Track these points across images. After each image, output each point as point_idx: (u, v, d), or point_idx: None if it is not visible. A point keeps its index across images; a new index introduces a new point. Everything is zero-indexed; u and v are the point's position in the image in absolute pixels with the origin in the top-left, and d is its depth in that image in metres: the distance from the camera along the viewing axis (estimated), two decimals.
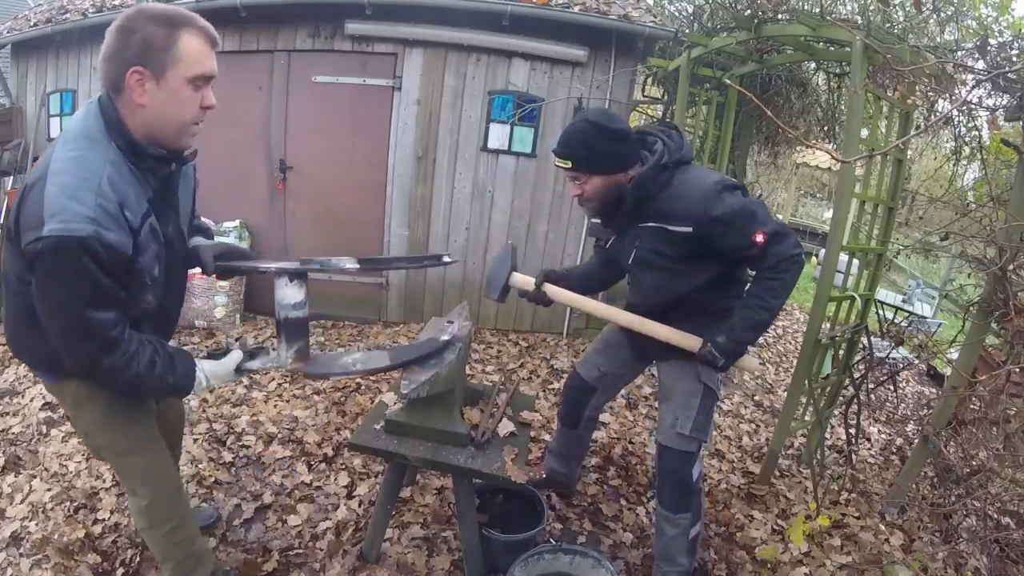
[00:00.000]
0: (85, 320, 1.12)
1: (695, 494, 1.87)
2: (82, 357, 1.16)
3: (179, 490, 1.61)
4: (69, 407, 1.44)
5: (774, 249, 1.58)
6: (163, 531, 1.55)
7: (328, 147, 4.17)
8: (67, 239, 1.05)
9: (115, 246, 1.11)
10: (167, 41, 1.11)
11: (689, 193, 1.62)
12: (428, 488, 2.39)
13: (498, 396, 2.10)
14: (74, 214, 1.06)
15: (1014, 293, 2.07)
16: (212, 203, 4.17)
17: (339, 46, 3.95)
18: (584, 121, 1.64)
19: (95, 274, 1.10)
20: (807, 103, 4.72)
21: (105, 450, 1.48)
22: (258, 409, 2.93)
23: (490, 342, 4.19)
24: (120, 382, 1.21)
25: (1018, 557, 2.09)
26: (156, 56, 1.12)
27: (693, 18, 4.72)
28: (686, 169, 1.69)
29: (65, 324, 1.14)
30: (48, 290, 1.11)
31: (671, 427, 1.82)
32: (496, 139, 4.08)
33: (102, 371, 1.17)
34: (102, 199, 1.10)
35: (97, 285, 1.11)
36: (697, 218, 1.60)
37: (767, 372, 4.38)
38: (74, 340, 1.15)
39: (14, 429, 2.58)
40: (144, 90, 1.13)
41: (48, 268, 1.08)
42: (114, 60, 1.13)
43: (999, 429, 2.16)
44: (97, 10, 4.23)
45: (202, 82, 1.18)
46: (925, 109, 2.92)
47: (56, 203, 1.06)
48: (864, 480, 2.88)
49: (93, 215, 1.07)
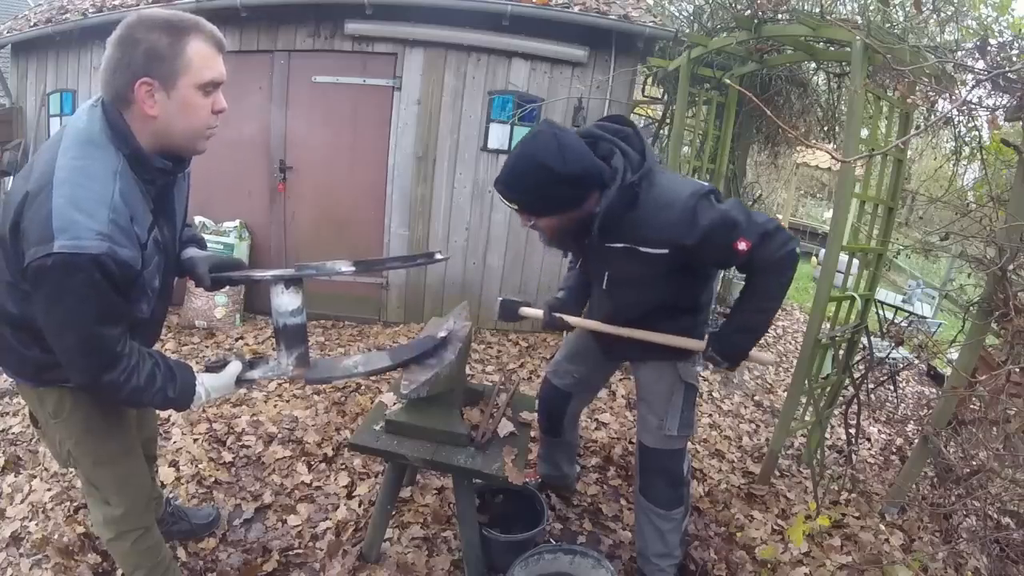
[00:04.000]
0: (95, 337, 1.10)
1: (686, 486, 1.87)
2: (88, 372, 1.14)
3: (151, 500, 1.60)
4: (48, 415, 1.37)
5: (760, 255, 1.49)
6: (131, 540, 1.52)
7: (328, 147, 4.18)
8: (80, 256, 1.01)
9: (128, 263, 1.08)
10: (174, 50, 1.08)
11: (660, 215, 1.47)
12: (428, 488, 2.39)
13: (498, 396, 2.10)
14: (86, 230, 1.02)
15: (1014, 293, 2.07)
16: (212, 203, 4.18)
17: (339, 46, 3.95)
18: (533, 161, 1.40)
19: (106, 291, 1.07)
20: (807, 103, 4.71)
21: (82, 460, 1.43)
22: (258, 409, 2.93)
23: (490, 342, 4.19)
24: (122, 396, 1.19)
25: (1018, 557, 2.09)
26: (164, 66, 1.08)
27: (693, 18, 4.71)
28: (652, 181, 1.49)
29: (74, 341, 1.11)
30: (56, 307, 1.08)
31: (657, 429, 1.81)
32: (496, 139, 4.08)
33: (103, 385, 1.15)
34: (115, 214, 1.06)
35: (107, 302, 1.09)
36: (673, 242, 1.48)
37: (767, 372, 4.38)
38: (81, 356, 1.13)
39: (14, 429, 2.58)
40: (154, 101, 1.10)
41: (57, 285, 1.05)
42: (119, 72, 1.09)
43: (999, 429, 2.16)
44: (97, 10, 4.23)
45: (212, 88, 1.15)
46: (925, 109, 2.91)
47: (66, 217, 1.02)
48: (864, 480, 2.87)
49: (107, 231, 1.04)
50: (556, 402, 2.17)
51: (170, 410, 1.37)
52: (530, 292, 4.39)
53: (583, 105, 3.95)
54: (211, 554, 1.98)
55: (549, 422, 2.21)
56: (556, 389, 2.15)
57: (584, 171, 1.43)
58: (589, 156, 1.45)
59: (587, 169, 1.43)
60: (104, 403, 1.39)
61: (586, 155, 1.44)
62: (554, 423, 2.21)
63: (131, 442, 1.50)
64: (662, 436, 1.80)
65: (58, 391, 1.33)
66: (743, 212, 1.50)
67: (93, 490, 1.50)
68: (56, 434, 1.40)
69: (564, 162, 1.39)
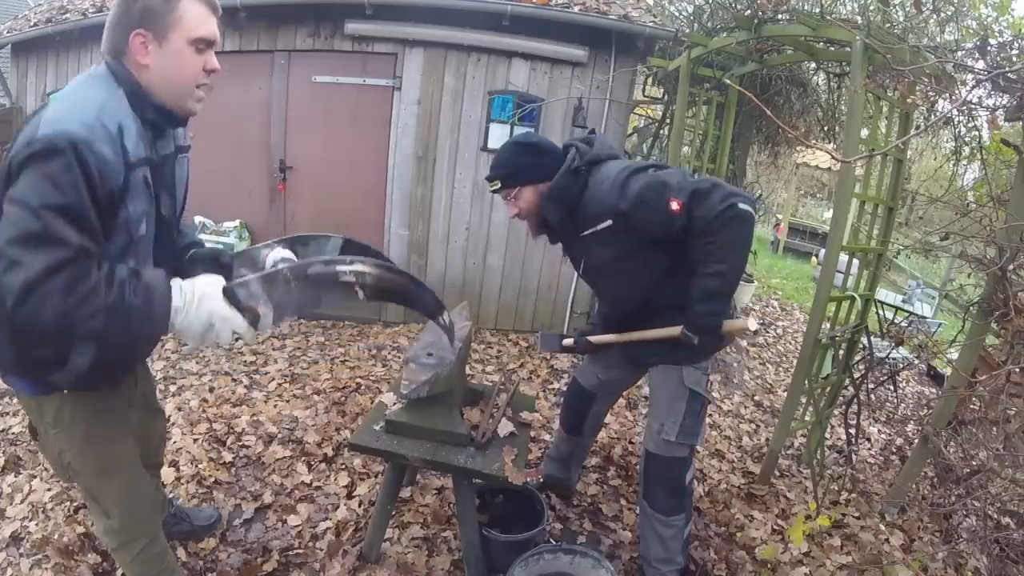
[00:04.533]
0: (48, 226, 0.97)
1: (688, 495, 1.87)
2: (29, 269, 0.96)
3: (155, 507, 1.56)
4: (48, 425, 1.33)
5: (697, 213, 1.50)
6: (136, 549, 1.50)
7: (328, 147, 4.18)
8: (59, 138, 0.99)
9: (107, 161, 1.04)
10: (167, 6, 1.15)
11: (599, 188, 1.65)
12: (428, 488, 2.39)
13: (498, 396, 2.10)
14: (71, 121, 1.02)
15: (1014, 293, 2.07)
16: (212, 203, 4.19)
17: (339, 46, 3.96)
18: (509, 143, 1.80)
19: (78, 183, 1.00)
20: (807, 103, 4.72)
21: (83, 471, 1.39)
22: (258, 409, 2.93)
23: (490, 342, 4.19)
24: (81, 316, 1.00)
25: (1018, 557, 2.09)
26: (157, 19, 1.15)
27: (693, 18, 4.72)
28: (600, 167, 1.70)
29: (24, 226, 0.97)
30: (17, 194, 0.99)
31: (657, 433, 1.82)
32: (496, 139, 4.08)
33: (42, 294, 0.96)
34: (103, 115, 1.07)
35: (75, 197, 1.00)
36: (611, 209, 1.61)
37: (767, 372, 4.39)
38: (28, 249, 0.96)
39: (14, 429, 2.58)
40: (147, 51, 1.16)
41: (31, 173, 0.99)
42: (117, 27, 1.16)
43: (999, 429, 2.16)
44: (97, 10, 4.23)
45: (203, 45, 1.20)
46: (925, 109, 2.92)
47: (53, 118, 1.02)
48: (864, 480, 2.88)
49: (91, 123, 1.04)
50: (581, 401, 2.20)
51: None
52: (530, 292, 4.39)
53: (583, 105, 3.95)
54: (211, 554, 1.98)
55: (572, 420, 2.25)
56: (582, 388, 2.19)
57: (549, 146, 1.78)
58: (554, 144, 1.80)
59: (551, 146, 1.78)
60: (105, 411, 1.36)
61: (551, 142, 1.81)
62: (577, 422, 2.24)
63: (133, 451, 1.48)
64: (661, 441, 1.81)
65: (58, 400, 1.29)
66: (677, 176, 1.58)
67: (93, 503, 1.47)
68: (56, 445, 1.36)
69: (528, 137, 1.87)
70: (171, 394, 2.98)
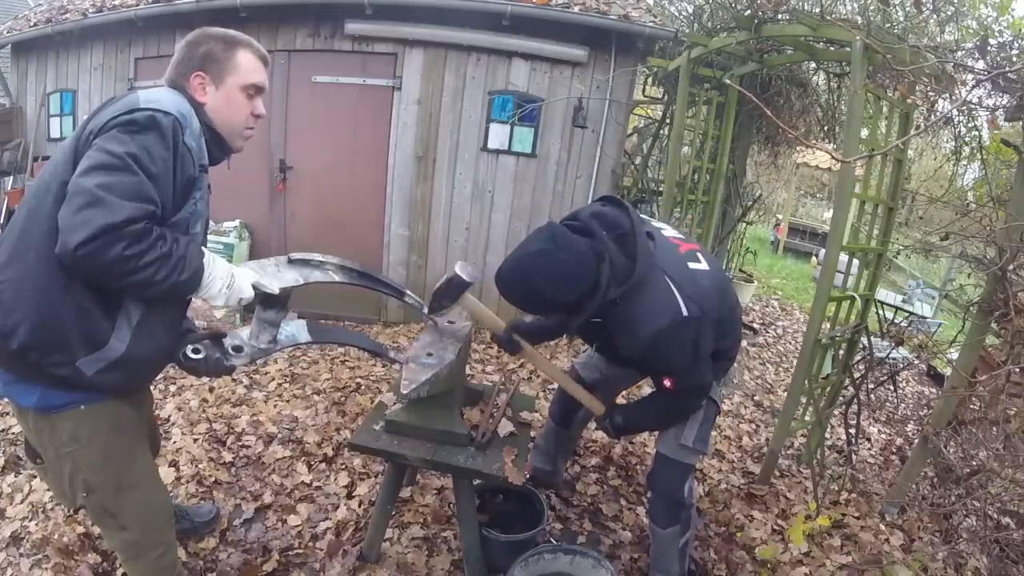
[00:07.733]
0: (142, 183, 1.09)
1: (685, 509, 1.87)
2: (111, 216, 1.04)
3: (171, 516, 1.56)
4: (62, 445, 1.28)
5: (681, 395, 1.70)
6: (151, 559, 1.49)
7: (328, 147, 4.18)
8: (166, 115, 1.14)
9: (191, 150, 1.21)
10: (226, 54, 1.32)
11: (626, 330, 1.52)
12: (428, 488, 2.39)
13: (498, 396, 2.10)
14: (171, 106, 1.17)
15: (1014, 293, 2.07)
16: (212, 203, 4.16)
17: (339, 46, 3.96)
18: (529, 281, 1.43)
19: (165, 159, 1.14)
20: (807, 103, 4.72)
21: (101, 488, 1.35)
22: (258, 409, 2.93)
23: (490, 342, 4.19)
24: (140, 265, 1.09)
25: (1018, 557, 2.09)
26: (217, 64, 1.32)
27: (693, 18, 4.72)
28: (634, 297, 1.48)
29: (119, 175, 1.07)
30: (114, 147, 1.09)
31: (674, 438, 1.81)
32: (496, 139, 4.09)
33: (112, 241, 1.04)
34: (192, 116, 1.24)
35: (163, 168, 1.14)
36: (623, 349, 1.58)
37: (767, 372, 4.39)
38: (112, 194, 1.05)
39: (14, 429, 2.58)
40: (204, 92, 1.32)
41: (126, 131, 1.11)
42: (181, 66, 1.32)
43: (999, 429, 2.16)
44: (97, 10, 4.23)
45: (253, 91, 1.38)
46: (925, 109, 2.91)
47: (153, 97, 1.17)
48: (864, 480, 2.88)
49: (187, 115, 1.21)
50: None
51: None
52: None
53: (583, 105, 3.95)
54: (211, 554, 1.98)
55: (563, 410, 2.24)
56: (581, 380, 2.16)
57: (574, 300, 1.45)
58: (583, 281, 1.43)
59: (577, 298, 1.45)
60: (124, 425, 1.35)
61: (580, 281, 1.43)
62: (568, 413, 2.23)
63: (150, 462, 1.49)
64: (677, 446, 1.81)
65: (76, 416, 1.27)
66: (688, 358, 1.55)
67: (108, 518, 1.42)
68: (67, 466, 1.31)
69: (556, 292, 1.42)
70: (171, 394, 2.98)
